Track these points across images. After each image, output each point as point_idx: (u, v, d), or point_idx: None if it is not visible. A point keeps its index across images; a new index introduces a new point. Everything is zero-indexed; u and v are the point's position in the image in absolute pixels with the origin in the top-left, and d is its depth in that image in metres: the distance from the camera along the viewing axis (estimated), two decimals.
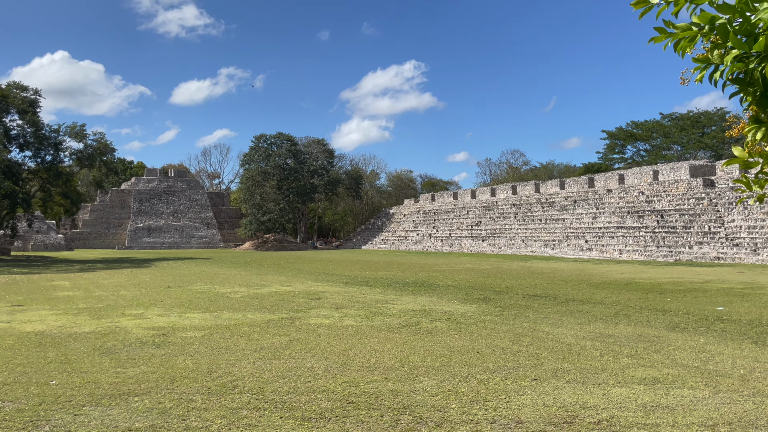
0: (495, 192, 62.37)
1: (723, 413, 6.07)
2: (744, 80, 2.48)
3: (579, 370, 7.99)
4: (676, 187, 42.55)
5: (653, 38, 2.67)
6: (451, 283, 21.80)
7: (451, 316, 13.26)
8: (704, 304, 15.11)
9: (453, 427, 5.77)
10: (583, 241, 44.78)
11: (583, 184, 52.76)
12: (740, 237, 34.89)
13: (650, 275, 24.95)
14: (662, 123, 79.47)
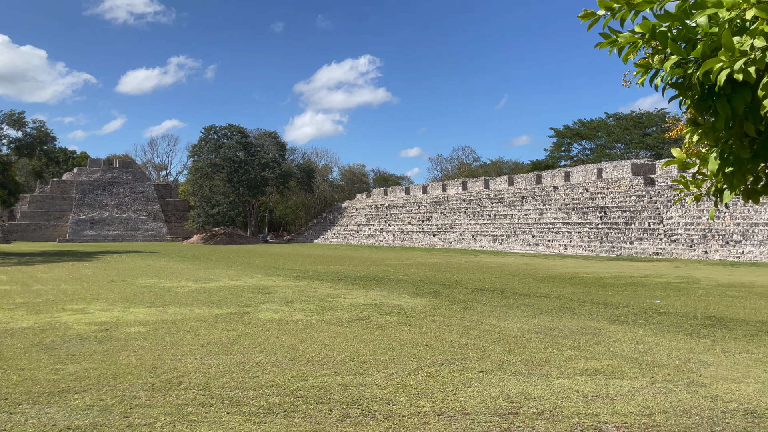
0: (446, 187, 63.06)
1: (659, 402, 6.34)
2: (682, 85, 2.58)
3: (524, 362, 8.19)
4: (618, 184, 44.01)
5: (598, 44, 2.75)
6: (402, 278, 21.95)
7: (402, 310, 13.36)
8: (643, 297, 15.71)
9: (401, 419, 5.82)
10: (530, 237, 45.82)
11: (531, 181, 53.94)
12: (678, 233, 36.40)
13: (593, 270, 25.75)
14: (607, 122, 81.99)
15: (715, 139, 2.60)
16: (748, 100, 2.33)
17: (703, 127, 2.64)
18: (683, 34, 2.47)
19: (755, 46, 2.12)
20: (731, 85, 2.38)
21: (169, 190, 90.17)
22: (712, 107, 2.48)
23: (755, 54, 2.10)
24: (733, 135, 2.51)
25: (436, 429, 5.54)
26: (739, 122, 2.45)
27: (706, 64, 2.22)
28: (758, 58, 2.10)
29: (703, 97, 2.49)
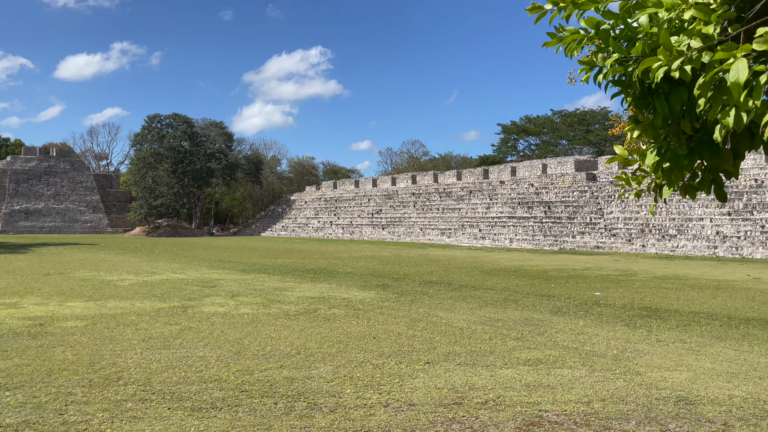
0: (396, 181, 63.32)
1: (597, 390, 6.55)
2: (624, 83, 2.65)
3: (469, 353, 8.32)
4: (562, 180, 45.22)
5: (546, 43, 2.79)
6: (351, 270, 21.93)
7: (350, 303, 13.34)
8: (584, 289, 16.21)
9: (347, 412, 5.81)
10: (477, 230, 46.58)
11: (479, 176, 54.78)
12: (617, 228, 37.73)
13: (537, 263, 26.40)
14: (552, 119, 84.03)
15: (654, 136, 2.68)
16: (685, 98, 2.42)
17: (643, 124, 2.71)
18: (625, 33, 2.53)
19: (692, 46, 2.19)
20: (669, 84, 2.45)
21: (110, 180, 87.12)
22: (651, 105, 2.55)
23: (692, 54, 2.17)
24: (670, 132, 2.59)
25: (381, 420, 5.56)
26: (676, 120, 2.53)
27: (644, 63, 2.28)
28: (694, 58, 2.17)
29: (643, 95, 2.56)
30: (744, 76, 1.94)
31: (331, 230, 61.45)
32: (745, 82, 1.96)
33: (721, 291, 15.74)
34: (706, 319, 11.28)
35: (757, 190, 33.07)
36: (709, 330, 10.22)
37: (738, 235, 31.51)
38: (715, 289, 16.28)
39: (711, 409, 5.90)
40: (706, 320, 11.19)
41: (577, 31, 2.70)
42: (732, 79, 1.97)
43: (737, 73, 1.96)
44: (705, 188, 2.66)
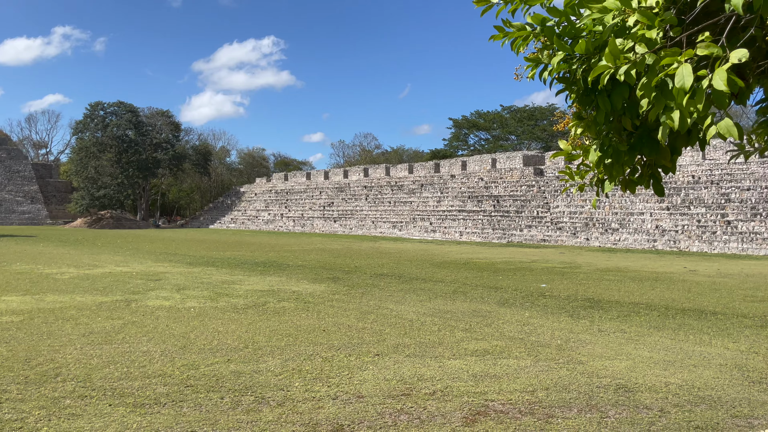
0: (348, 174, 63.15)
1: (542, 380, 6.71)
2: (568, 80, 2.70)
3: (418, 345, 8.39)
4: (511, 174, 46.08)
5: (492, 36, 2.81)
6: (302, 263, 21.77)
7: (300, 296, 13.25)
8: (531, 281, 16.59)
9: (295, 405, 5.77)
10: (428, 223, 47.00)
11: (430, 169, 55.23)
12: (563, 221, 38.75)
13: (486, 255, 26.86)
14: (502, 114, 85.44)
15: (596, 133, 2.74)
16: (626, 96, 2.48)
17: (586, 120, 2.77)
18: (569, 31, 2.57)
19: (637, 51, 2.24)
20: (611, 82, 2.51)
21: (49, 170, 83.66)
22: (594, 102, 2.61)
23: (636, 57, 2.23)
24: (612, 129, 2.66)
25: (330, 413, 5.55)
26: (618, 117, 2.60)
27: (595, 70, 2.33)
28: (639, 62, 2.22)
29: (587, 92, 2.62)
30: (689, 82, 2.01)
31: (282, 223, 60.84)
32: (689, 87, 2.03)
33: (660, 283, 16.38)
34: (645, 310, 11.71)
35: (694, 185, 34.55)
36: (648, 320, 10.62)
37: (676, 229, 32.86)
38: (653, 280, 16.93)
39: (648, 396, 6.13)
40: (645, 311, 11.62)
41: (523, 27, 2.74)
42: (677, 84, 2.03)
43: (682, 79, 2.02)
44: (644, 183, 2.74)
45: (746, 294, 14.04)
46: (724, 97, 1.93)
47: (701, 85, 2.00)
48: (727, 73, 1.91)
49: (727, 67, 1.92)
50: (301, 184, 66.39)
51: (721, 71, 1.92)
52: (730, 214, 31.53)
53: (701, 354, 8.03)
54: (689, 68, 2.00)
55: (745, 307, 12.15)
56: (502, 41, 2.81)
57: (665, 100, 2.14)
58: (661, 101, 2.16)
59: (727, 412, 5.68)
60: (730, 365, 7.42)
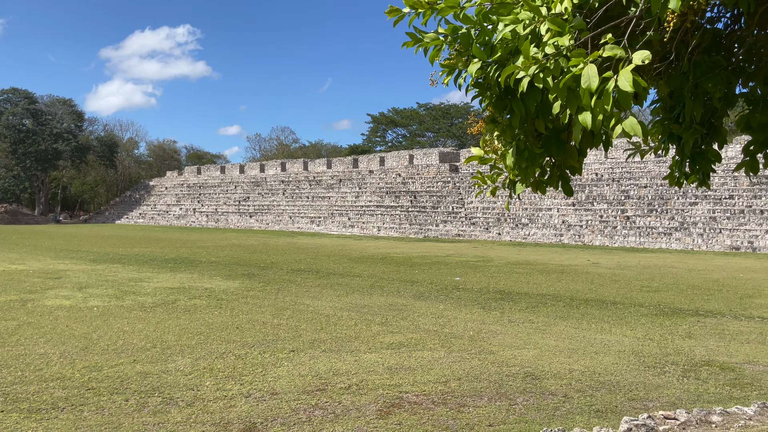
0: (264, 168, 62.00)
1: (454, 370, 6.86)
2: (483, 85, 2.74)
3: (334, 340, 8.36)
4: (427, 170, 46.92)
5: (405, 43, 2.81)
6: (215, 260, 21.16)
7: (212, 293, 12.86)
8: (445, 275, 16.96)
9: (205, 404, 5.58)
10: (347, 219, 47.03)
11: (348, 165, 55.24)
12: (477, 217, 39.92)
13: (403, 250, 27.20)
14: (419, 112, 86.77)
15: (511, 136, 2.80)
16: (539, 100, 2.56)
17: (501, 125, 2.82)
18: (483, 39, 2.61)
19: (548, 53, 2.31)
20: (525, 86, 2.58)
21: None
22: (508, 106, 2.66)
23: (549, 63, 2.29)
24: (526, 132, 2.73)
25: (242, 411, 5.41)
26: (531, 120, 2.67)
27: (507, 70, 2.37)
28: (552, 67, 2.29)
29: (501, 97, 2.67)
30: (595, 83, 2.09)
31: (195, 218, 58.89)
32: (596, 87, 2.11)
33: (565, 275, 17.21)
34: (551, 301, 12.26)
35: (597, 183, 36.55)
36: (554, 310, 11.13)
37: (581, 224, 34.66)
38: (560, 273, 17.76)
39: (554, 383, 6.41)
40: (552, 301, 12.17)
41: (436, 36, 2.75)
42: (584, 85, 2.11)
43: (588, 80, 2.10)
44: (553, 184, 2.84)
45: (643, 285, 15.01)
46: (629, 97, 2.03)
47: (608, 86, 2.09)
48: (632, 74, 2.00)
49: (631, 68, 2.01)
50: (215, 178, 64.51)
51: (626, 72, 2.01)
52: (629, 210, 33.63)
53: (602, 341, 8.50)
54: (594, 69, 2.08)
55: (642, 297, 12.98)
56: (415, 48, 2.81)
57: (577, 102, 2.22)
58: (573, 103, 2.24)
59: (624, 395, 6.04)
60: (628, 351, 7.90)
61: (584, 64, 2.15)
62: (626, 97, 2.07)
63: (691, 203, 31.75)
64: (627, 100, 2.07)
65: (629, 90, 2.03)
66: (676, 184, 3.14)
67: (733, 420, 4.84)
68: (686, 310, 11.27)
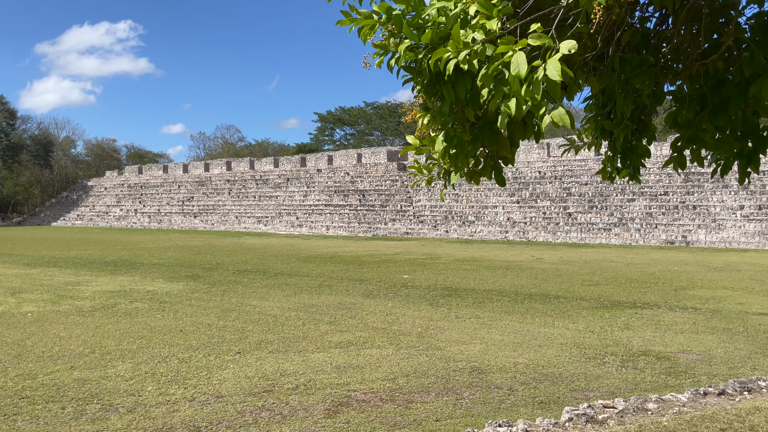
0: (209, 167, 60.71)
1: (402, 367, 6.90)
2: (415, 69, 2.73)
3: (282, 340, 8.26)
4: (376, 169, 47.02)
5: (339, 21, 2.79)
6: (158, 261, 20.58)
7: (155, 296, 12.50)
8: (394, 273, 17.03)
9: (147, 410, 5.42)
10: (295, 218, 46.61)
11: (296, 163, 54.75)
12: (425, 215, 40.28)
13: (352, 249, 27.17)
14: (366, 110, 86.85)
15: (442, 123, 2.80)
16: (469, 87, 2.57)
17: (432, 111, 2.81)
18: (416, 21, 2.61)
19: (476, 39, 2.33)
20: (456, 73, 2.59)
21: None
22: (439, 92, 2.66)
23: (477, 47, 2.31)
24: (456, 119, 2.74)
25: (186, 416, 5.28)
26: (461, 107, 2.68)
27: (436, 53, 2.37)
28: (479, 51, 2.31)
29: (432, 83, 2.66)
30: (524, 69, 2.11)
31: (136, 219, 57.14)
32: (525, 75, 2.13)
33: (511, 271, 17.58)
34: (497, 296, 12.49)
35: (540, 180, 37.48)
36: (500, 305, 11.34)
37: (525, 221, 35.46)
38: (505, 269, 18.12)
39: (499, 377, 6.54)
40: (498, 297, 12.40)
41: (370, 15, 2.74)
42: (513, 72, 2.13)
43: (517, 67, 2.13)
44: (487, 174, 2.87)
45: (584, 279, 15.48)
46: (557, 86, 2.06)
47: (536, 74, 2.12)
48: (559, 63, 2.04)
49: (558, 57, 2.05)
50: (157, 178, 62.75)
51: (554, 61, 2.05)
52: (571, 207, 34.64)
53: (545, 335, 8.72)
54: (523, 56, 2.11)
55: (583, 290, 13.39)
56: (349, 28, 2.79)
57: (503, 89, 2.24)
58: (500, 90, 2.26)
59: (567, 386, 6.21)
60: (570, 344, 8.13)
61: (513, 52, 2.16)
62: (554, 86, 2.10)
63: (629, 200, 32.97)
64: (555, 89, 2.10)
65: (557, 79, 2.06)
66: (609, 178, 3.25)
67: (668, 407, 5.05)
68: (625, 302, 11.69)
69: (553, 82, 2.06)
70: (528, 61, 2.17)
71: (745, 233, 27.90)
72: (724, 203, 29.73)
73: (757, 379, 5.85)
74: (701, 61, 2.66)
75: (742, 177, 2.88)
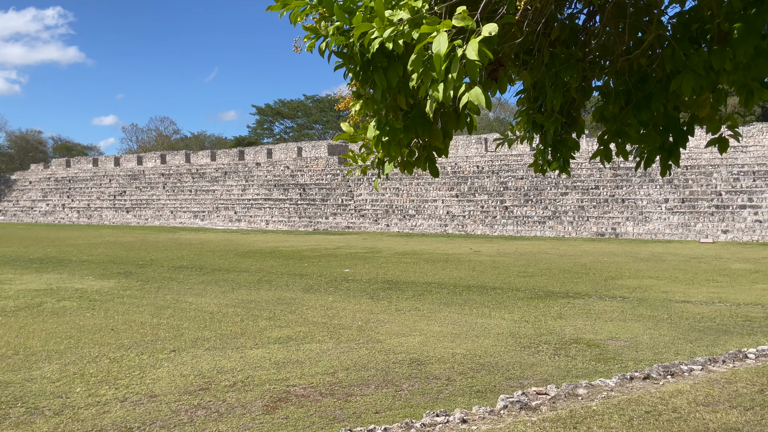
0: (142, 160, 58.66)
1: (342, 361, 6.89)
2: (347, 55, 2.68)
3: (219, 337, 8.10)
4: (316, 163, 46.68)
5: (270, 7, 2.72)
6: (87, 258, 19.74)
7: (84, 294, 12.00)
8: (335, 267, 16.98)
9: (76, 412, 5.20)
10: (233, 212, 45.73)
11: (234, 157, 53.65)
12: (366, 209, 40.34)
13: (292, 243, 26.91)
14: (306, 104, 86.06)
15: (374, 111, 2.78)
16: (401, 74, 2.55)
17: (364, 98, 2.78)
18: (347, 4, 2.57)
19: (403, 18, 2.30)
20: (388, 60, 2.57)
21: None
22: (371, 79, 2.63)
23: (403, 27, 2.29)
24: (388, 107, 2.72)
25: (117, 417, 5.09)
26: (393, 95, 2.67)
27: (360, 27, 2.33)
28: (406, 32, 2.28)
29: (364, 68, 2.63)
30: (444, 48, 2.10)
31: (64, 214, 54.63)
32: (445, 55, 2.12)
33: (450, 263, 17.85)
34: (436, 288, 12.66)
35: (478, 175, 38.21)
36: (439, 297, 11.50)
37: (464, 215, 36.09)
38: (444, 261, 18.39)
39: (438, 367, 6.63)
40: (437, 289, 12.57)
41: None
42: (434, 50, 2.13)
43: (438, 46, 2.12)
44: (421, 165, 2.89)
45: (520, 270, 15.91)
46: (476, 67, 2.09)
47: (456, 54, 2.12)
48: (479, 45, 2.06)
49: (479, 39, 2.08)
50: (87, 171, 60.17)
51: (474, 42, 2.07)
52: (508, 201, 35.50)
53: (483, 325, 8.90)
54: (445, 36, 2.12)
55: (519, 281, 13.75)
56: (280, 12, 2.73)
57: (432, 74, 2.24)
58: (428, 75, 2.26)
59: (502, 375, 6.37)
60: (506, 333, 8.33)
61: (437, 32, 2.16)
62: (473, 66, 2.11)
63: (562, 193, 34.08)
64: (474, 70, 2.11)
65: (476, 59, 2.07)
66: (540, 171, 3.34)
67: (597, 392, 5.26)
68: (558, 292, 12.08)
69: (473, 62, 2.08)
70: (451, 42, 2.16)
71: (669, 225, 29.37)
72: (651, 197, 31.20)
73: (680, 363, 6.17)
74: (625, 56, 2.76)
75: (663, 169, 3.02)
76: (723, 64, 2.43)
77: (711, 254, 19.92)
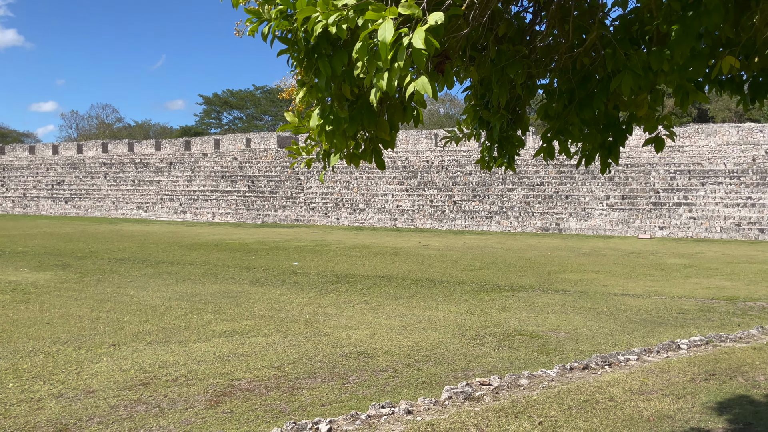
0: (83, 149, 56.47)
1: (289, 354, 6.84)
2: (291, 41, 2.62)
3: (161, 331, 7.90)
4: (265, 155, 46.04)
5: None
6: (22, 250, 18.89)
7: (18, 286, 11.48)
8: (283, 260, 16.81)
9: (7, 408, 4.97)
10: (178, 204, 44.62)
11: (180, 147, 52.30)
12: (315, 202, 40.09)
13: (239, 236, 26.48)
14: (255, 94, 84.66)
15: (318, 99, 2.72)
16: (346, 61, 2.51)
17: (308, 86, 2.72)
18: None
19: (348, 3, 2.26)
20: (333, 47, 2.52)
21: None
22: (315, 66, 2.58)
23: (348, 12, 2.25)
24: (333, 95, 2.67)
25: (52, 413, 4.90)
26: (338, 83, 2.62)
27: (303, 11, 2.28)
28: (350, 18, 2.25)
29: (308, 55, 2.58)
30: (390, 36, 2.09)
31: None
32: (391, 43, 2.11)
33: (399, 257, 17.95)
34: (385, 282, 12.72)
35: (428, 170, 38.53)
36: (387, 291, 11.56)
37: (413, 209, 36.35)
38: (393, 255, 18.48)
39: (385, 360, 6.66)
40: (386, 282, 12.62)
41: None
42: (380, 37, 2.11)
43: (384, 33, 2.10)
44: (367, 157, 2.87)
45: (467, 264, 16.15)
46: (423, 56, 2.08)
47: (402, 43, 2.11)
48: (425, 33, 2.06)
49: (425, 27, 2.08)
50: (22, 159, 57.51)
51: (420, 31, 2.07)
52: (456, 195, 35.96)
53: (430, 318, 9.00)
54: (391, 24, 2.10)
55: (466, 275, 13.96)
56: None
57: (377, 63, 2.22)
58: (373, 64, 2.23)
59: (448, 366, 6.46)
60: (452, 326, 8.45)
61: (382, 19, 2.14)
62: (419, 55, 2.10)
63: (508, 189, 34.77)
64: (420, 59, 2.10)
65: (422, 47, 2.07)
66: (487, 167, 3.38)
67: (538, 382, 5.40)
68: (503, 285, 12.34)
69: (419, 51, 2.07)
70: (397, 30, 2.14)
71: (610, 221, 30.41)
72: (593, 193, 32.21)
73: (617, 353, 6.41)
74: (568, 54, 2.83)
75: (603, 167, 3.11)
76: (661, 65, 2.52)
77: (648, 249, 20.74)
